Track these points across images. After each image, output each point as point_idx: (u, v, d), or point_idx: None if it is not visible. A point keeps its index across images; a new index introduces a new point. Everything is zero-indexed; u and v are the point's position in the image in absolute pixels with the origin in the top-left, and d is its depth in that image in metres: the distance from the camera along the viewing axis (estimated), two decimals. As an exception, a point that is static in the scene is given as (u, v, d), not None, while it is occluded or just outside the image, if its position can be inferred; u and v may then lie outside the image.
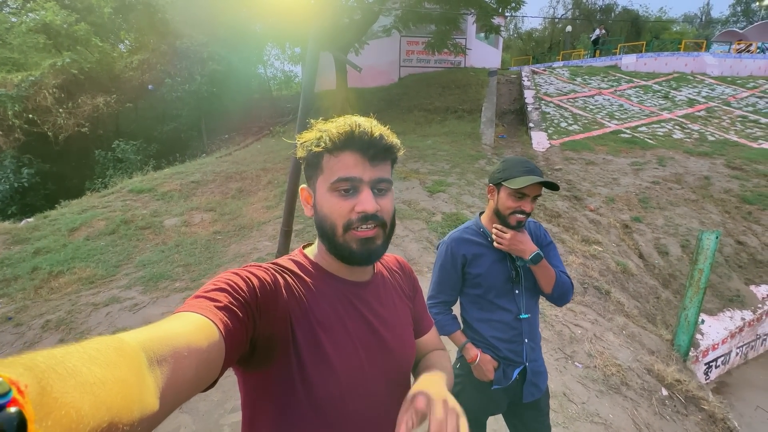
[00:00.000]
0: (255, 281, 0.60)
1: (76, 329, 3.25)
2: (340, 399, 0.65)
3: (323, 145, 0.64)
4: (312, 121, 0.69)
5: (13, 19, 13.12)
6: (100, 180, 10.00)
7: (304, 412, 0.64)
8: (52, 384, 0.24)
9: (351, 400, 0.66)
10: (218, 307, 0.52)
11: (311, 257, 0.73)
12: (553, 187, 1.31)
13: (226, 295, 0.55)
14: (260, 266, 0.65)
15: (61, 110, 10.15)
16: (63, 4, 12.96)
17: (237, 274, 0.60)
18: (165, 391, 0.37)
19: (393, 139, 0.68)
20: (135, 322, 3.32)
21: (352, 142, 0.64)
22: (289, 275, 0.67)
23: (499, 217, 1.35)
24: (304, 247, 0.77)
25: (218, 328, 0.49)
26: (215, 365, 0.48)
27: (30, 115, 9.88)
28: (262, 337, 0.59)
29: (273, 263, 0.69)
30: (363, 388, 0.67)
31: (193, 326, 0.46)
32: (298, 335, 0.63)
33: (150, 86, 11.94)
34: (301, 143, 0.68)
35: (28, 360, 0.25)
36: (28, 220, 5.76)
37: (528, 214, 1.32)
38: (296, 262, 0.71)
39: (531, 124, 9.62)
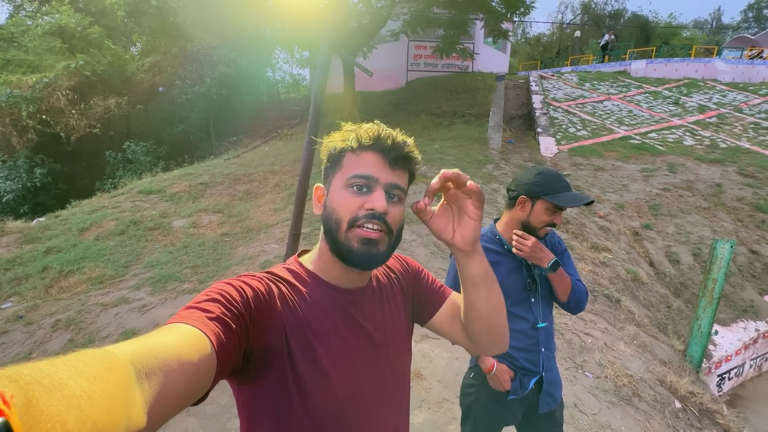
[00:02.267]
0: (249, 291, 0.59)
1: (85, 329, 3.28)
2: (337, 408, 0.65)
3: (348, 143, 0.66)
4: (341, 122, 0.70)
5: (29, 22, 13.40)
6: (110, 180, 10.14)
7: (301, 423, 0.64)
8: (37, 396, 0.24)
9: (348, 408, 0.66)
10: (210, 319, 0.51)
11: (307, 265, 0.73)
12: (590, 203, 1.33)
13: (219, 305, 0.54)
14: (254, 276, 0.65)
15: (73, 111, 10.32)
16: (77, 8, 13.22)
17: (230, 284, 0.59)
18: (153, 405, 0.36)
19: (415, 150, 0.68)
20: (143, 323, 3.34)
21: (376, 143, 0.65)
22: (283, 284, 0.67)
23: (528, 228, 1.35)
24: (299, 255, 0.77)
25: (210, 340, 0.48)
26: (206, 378, 0.47)
27: (43, 116, 10.06)
28: (256, 348, 0.59)
29: (267, 272, 0.69)
30: (360, 397, 0.67)
31: (183, 338, 0.46)
32: (293, 346, 0.62)
33: (161, 88, 12.09)
34: (327, 142, 0.69)
35: (13, 372, 0.24)
36: (40, 219, 5.84)
37: (555, 225, 1.33)
38: (291, 271, 0.71)
39: (539, 129, 9.56)
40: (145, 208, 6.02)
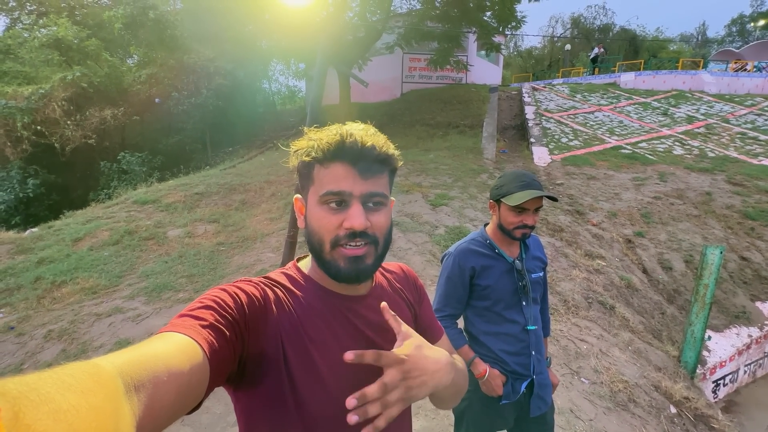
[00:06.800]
0: (243, 297, 0.58)
1: (78, 339, 3.24)
2: (335, 419, 0.61)
3: (313, 155, 0.62)
4: (305, 129, 0.67)
5: (26, 35, 13.48)
6: (104, 191, 10.10)
7: None
8: (25, 411, 0.23)
9: (347, 420, 0.63)
10: (203, 326, 0.50)
11: (305, 270, 0.70)
12: (551, 198, 1.33)
13: (213, 312, 0.53)
14: (250, 281, 0.64)
15: (69, 122, 10.34)
16: (75, 21, 13.35)
17: (225, 290, 0.58)
18: (142, 419, 0.35)
19: (388, 149, 0.64)
20: (137, 333, 3.31)
21: (342, 152, 0.61)
22: (280, 289, 0.65)
23: (504, 231, 1.37)
24: (298, 260, 0.75)
25: (202, 348, 0.47)
26: (199, 388, 0.46)
27: (38, 127, 10.06)
28: (252, 355, 0.57)
29: (264, 277, 0.67)
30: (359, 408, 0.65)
31: (174, 348, 0.45)
32: (289, 353, 0.60)
33: (157, 99, 12.17)
34: (294, 152, 0.66)
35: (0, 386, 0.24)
36: (33, 230, 5.79)
37: (532, 227, 1.34)
38: (288, 276, 0.69)
39: (532, 140, 9.71)
40: (139, 218, 5.99)
